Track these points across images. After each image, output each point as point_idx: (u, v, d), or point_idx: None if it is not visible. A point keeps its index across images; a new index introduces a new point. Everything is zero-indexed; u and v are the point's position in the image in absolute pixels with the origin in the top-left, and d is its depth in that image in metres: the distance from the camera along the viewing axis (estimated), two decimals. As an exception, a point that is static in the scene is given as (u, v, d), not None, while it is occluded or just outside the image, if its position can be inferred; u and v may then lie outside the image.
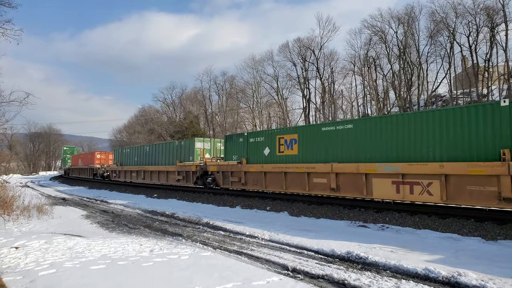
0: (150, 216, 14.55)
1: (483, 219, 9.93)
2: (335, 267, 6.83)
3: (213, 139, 25.63)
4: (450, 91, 42.96)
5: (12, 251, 7.74)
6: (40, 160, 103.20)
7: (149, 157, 28.49)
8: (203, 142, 24.15)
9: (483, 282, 5.61)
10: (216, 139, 26.71)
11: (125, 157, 33.22)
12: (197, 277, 5.90)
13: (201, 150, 24.18)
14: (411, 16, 44.12)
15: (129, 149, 33.00)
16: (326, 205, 13.79)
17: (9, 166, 52.20)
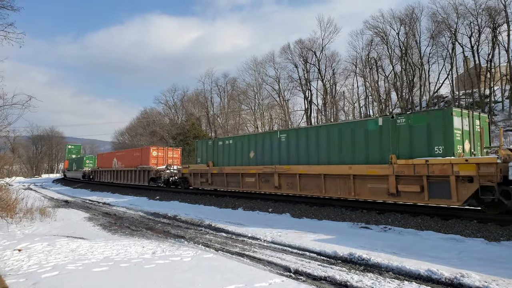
0: (152, 218, 14.57)
1: (486, 220, 9.91)
2: (338, 269, 6.82)
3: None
4: (452, 92, 42.91)
5: (15, 254, 7.76)
6: (43, 162, 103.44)
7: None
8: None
9: (486, 284, 5.59)
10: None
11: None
12: (199, 279, 5.91)
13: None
14: (413, 17, 44.12)
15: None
16: (328, 206, 13.78)
17: (12, 169, 52.27)
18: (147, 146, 31.82)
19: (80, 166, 49.49)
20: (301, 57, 53.03)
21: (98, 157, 44.30)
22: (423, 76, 44.14)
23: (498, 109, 38.31)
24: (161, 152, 29.28)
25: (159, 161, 28.82)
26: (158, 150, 29.52)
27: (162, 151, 29.53)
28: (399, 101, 46.73)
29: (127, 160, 32.94)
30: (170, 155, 29.87)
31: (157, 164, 28.46)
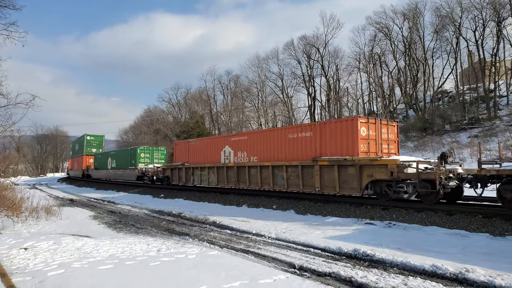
0: (157, 216, 14.62)
1: (490, 215, 9.87)
2: (342, 265, 6.82)
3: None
4: (456, 86, 42.68)
5: (21, 252, 7.82)
6: (48, 161, 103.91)
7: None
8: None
9: (491, 278, 5.58)
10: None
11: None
12: (204, 276, 5.93)
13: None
14: (416, 12, 43.86)
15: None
16: (333, 203, 13.78)
17: (17, 168, 52.64)
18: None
19: (126, 163, 34.15)
20: (304, 53, 52.94)
21: (191, 149, 45.99)
22: (427, 71, 43.90)
23: (503, 103, 38.08)
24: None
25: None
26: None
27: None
28: (403, 96, 46.54)
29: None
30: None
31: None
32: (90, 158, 46.41)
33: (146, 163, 31.89)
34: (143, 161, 32.15)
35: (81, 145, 50.03)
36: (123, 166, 34.47)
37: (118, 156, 37.09)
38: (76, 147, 54.32)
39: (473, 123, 35.47)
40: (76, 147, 54.15)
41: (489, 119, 35.08)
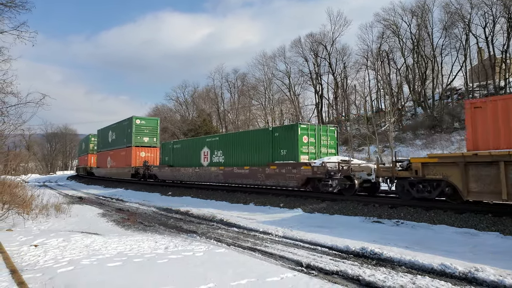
0: (165, 213, 14.70)
1: (501, 213, 9.77)
2: (350, 263, 6.81)
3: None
4: (466, 84, 42.28)
5: (31, 249, 7.91)
6: (57, 160, 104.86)
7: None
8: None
9: (501, 278, 5.53)
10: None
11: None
12: (211, 274, 5.95)
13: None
14: (425, 8, 43.50)
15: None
16: (340, 201, 13.73)
17: (27, 166, 53.13)
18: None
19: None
20: (311, 51, 52.85)
21: None
22: (435, 68, 43.56)
23: (513, 101, 37.58)
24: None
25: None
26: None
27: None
28: (411, 94, 46.24)
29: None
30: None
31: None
32: (143, 150, 32.34)
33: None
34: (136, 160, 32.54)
35: (123, 132, 33.97)
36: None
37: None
38: (112, 136, 37.58)
39: (483, 121, 35.03)
40: (112, 136, 37.39)
41: (499, 117, 34.60)
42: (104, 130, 40.12)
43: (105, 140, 39.45)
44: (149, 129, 33.11)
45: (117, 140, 35.70)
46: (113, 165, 35.91)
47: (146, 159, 31.46)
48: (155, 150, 32.66)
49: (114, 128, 36.83)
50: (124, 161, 32.96)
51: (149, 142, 32.88)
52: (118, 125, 36.15)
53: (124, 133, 33.76)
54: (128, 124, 33.15)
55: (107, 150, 38.11)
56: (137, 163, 31.32)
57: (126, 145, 33.00)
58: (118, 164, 34.63)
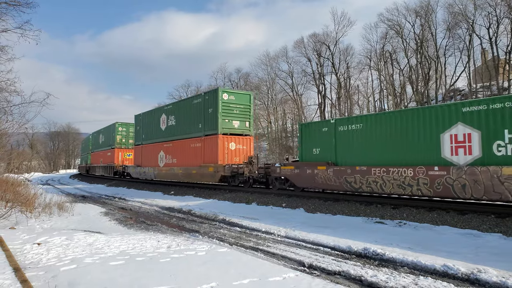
0: (167, 213, 14.72)
1: (504, 215, 9.74)
2: (352, 264, 6.81)
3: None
4: (469, 84, 42.14)
5: (34, 247, 7.95)
6: (60, 158, 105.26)
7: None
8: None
9: (503, 279, 5.52)
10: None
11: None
12: (214, 273, 5.96)
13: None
14: (428, 9, 43.39)
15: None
16: (343, 201, 13.72)
17: (30, 164, 53.18)
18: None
19: None
20: (314, 51, 52.81)
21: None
22: (439, 69, 43.45)
23: (517, 102, 37.46)
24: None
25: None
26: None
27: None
28: (414, 94, 46.12)
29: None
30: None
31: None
32: (233, 140, 21.60)
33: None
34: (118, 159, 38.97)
35: (196, 113, 23.25)
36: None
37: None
38: (168, 121, 26.54)
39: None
40: (169, 122, 26.39)
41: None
42: (148, 115, 29.65)
43: (151, 128, 28.76)
44: (240, 108, 22.07)
45: (181, 126, 24.64)
46: (174, 163, 25.12)
47: (240, 153, 21.56)
48: (248, 140, 22.32)
49: (172, 110, 26.11)
50: (201, 157, 21.99)
51: (240, 128, 21.85)
52: (183, 104, 25.37)
53: (197, 115, 22.78)
54: (209, 100, 21.78)
55: (158, 142, 27.43)
56: (227, 159, 20.87)
57: (204, 132, 21.98)
58: (184, 161, 23.79)
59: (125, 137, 39.32)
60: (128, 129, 39.02)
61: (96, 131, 47.51)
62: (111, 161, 38.92)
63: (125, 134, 39.17)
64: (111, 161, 38.74)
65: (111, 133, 39.90)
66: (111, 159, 39.09)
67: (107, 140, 41.71)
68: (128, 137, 39.03)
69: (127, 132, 39.15)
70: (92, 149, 48.79)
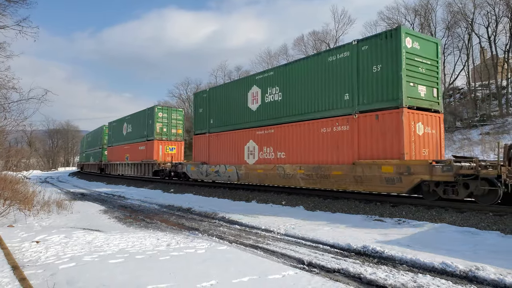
0: (167, 210, 14.72)
1: (502, 212, 9.76)
2: (351, 261, 6.82)
3: None
4: (468, 83, 42.16)
5: (33, 245, 7.94)
6: (59, 156, 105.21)
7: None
8: None
9: (501, 276, 5.54)
10: None
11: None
12: (213, 271, 5.97)
13: None
14: (428, 8, 43.37)
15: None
16: (342, 199, 13.74)
17: (29, 162, 53.07)
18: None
19: None
20: (314, 49, 52.70)
21: None
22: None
23: (515, 100, 37.56)
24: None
25: None
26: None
27: None
28: (413, 93, 46.08)
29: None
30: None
31: None
32: (420, 119, 12.74)
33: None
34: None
35: (346, 71, 13.92)
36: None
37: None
38: (269, 96, 17.60)
39: (485, 120, 35.06)
40: (269, 95, 17.57)
41: (501, 116, 34.64)
42: (223, 91, 21.15)
43: (230, 109, 20.24)
44: (426, 65, 13.26)
45: (295, 101, 16.15)
46: (280, 158, 16.74)
47: (429, 141, 13.23)
48: (438, 119, 13.70)
49: (274, 79, 17.33)
50: (350, 148, 13.65)
51: (427, 99, 13.28)
52: (306, 65, 15.84)
53: (341, 79, 14.19)
54: (377, 50, 12.92)
55: (243, 128, 19.11)
56: (414, 151, 12.53)
57: (356, 107, 13.49)
58: (307, 155, 15.42)
59: (166, 126, 30.39)
60: (170, 115, 30.94)
61: (117, 120, 39.14)
62: (148, 157, 30.29)
63: (166, 122, 30.59)
64: (148, 156, 30.25)
65: (147, 120, 31.00)
66: (147, 155, 30.54)
67: (138, 130, 33.00)
68: (171, 126, 30.73)
69: (169, 120, 30.77)
70: (110, 142, 40.44)
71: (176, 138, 31.34)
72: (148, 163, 30.13)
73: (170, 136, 30.88)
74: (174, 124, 31.27)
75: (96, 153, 48.19)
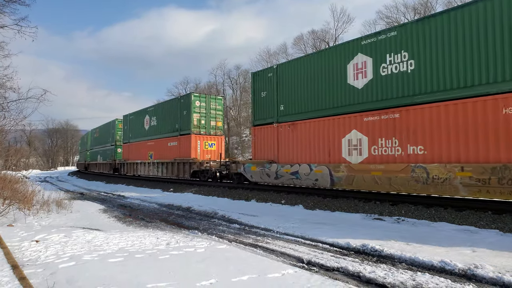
0: (167, 210, 14.73)
1: (500, 211, 9.79)
2: (350, 260, 6.83)
3: None
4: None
5: (32, 245, 7.95)
6: (59, 155, 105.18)
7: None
8: None
9: (500, 275, 5.55)
10: None
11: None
12: (213, 270, 5.98)
13: None
14: (427, 6, 43.35)
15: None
16: (342, 198, 13.76)
17: (28, 161, 52.98)
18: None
19: None
20: (314, 47, 52.69)
21: None
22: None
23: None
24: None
25: None
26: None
27: None
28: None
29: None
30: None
31: None
32: None
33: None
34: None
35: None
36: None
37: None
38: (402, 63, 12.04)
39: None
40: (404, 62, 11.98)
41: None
42: (308, 61, 15.85)
43: (311, 90, 15.59)
44: None
45: None
46: None
47: None
48: None
49: None
50: None
51: None
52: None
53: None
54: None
55: (346, 112, 14.04)
56: None
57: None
58: None
59: (204, 117, 25.39)
60: (209, 104, 25.76)
61: (136, 113, 33.79)
62: (182, 155, 25.40)
63: (204, 113, 25.49)
64: (183, 154, 25.33)
65: (180, 111, 26.09)
66: (182, 152, 25.58)
67: (166, 123, 28.03)
68: (209, 117, 25.60)
69: (207, 110, 25.64)
70: (127, 138, 35.21)
71: (215, 132, 26.04)
72: (184, 162, 25.04)
73: (209, 130, 25.61)
74: (214, 115, 25.91)
75: (107, 151, 42.24)
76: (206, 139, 25.41)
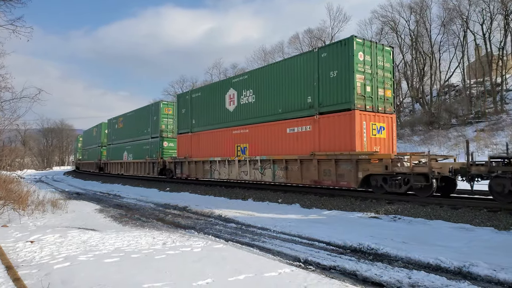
0: (163, 209, 14.69)
1: (495, 209, 9.83)
2: (347, 258, 6.84)
3: None
4: (463, 80, 42.33)
5: (27, 245, 7.90)
6: (54, 155, 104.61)
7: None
8: None
9: (494, 272, 5.58)
10: None
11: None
12: (209, 269, 5.96)
13: None
14: (423, 5, 43.43)
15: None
16: (338, 196, 13.77)
17: (23, 161, 52.54)
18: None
19: None
20: (310, 46, 52.63)
21: None
22: (433, 64, 43.57)
23: (509, 97, 37.75)
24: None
25: None
26: None
27: None
28: (409, 90, 46.29)
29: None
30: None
31: None
32: None
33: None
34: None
35: None
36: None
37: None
38: None
39: (480, 117, 35.25)
40: None
41: (495, 113, 34.83)
42: None
43: None
44: None
45: None
46: None
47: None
48: None
49: None
50: None
51: None
52: None
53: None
54: None
55: None
56: None
57: None
58: None
59: (370, 82, 14.11)
60: (375, 58, 14.34)
61: (204, 88, 24.43)
62: (346, 148, 13.67)
63: (370, 74, 14.07)
64: (347, 147, 13.67)
65: (318, 70, 15.07)
66: (339, 143, 14.11)
67: (285, 94, 16.65)
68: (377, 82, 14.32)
69: (372, 68, 14.22)
70: (186, 127, 24.25)
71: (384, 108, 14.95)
72: None
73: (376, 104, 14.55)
74: (381, 78, 14.80)
75: (143, 146, 31.15)
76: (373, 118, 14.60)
